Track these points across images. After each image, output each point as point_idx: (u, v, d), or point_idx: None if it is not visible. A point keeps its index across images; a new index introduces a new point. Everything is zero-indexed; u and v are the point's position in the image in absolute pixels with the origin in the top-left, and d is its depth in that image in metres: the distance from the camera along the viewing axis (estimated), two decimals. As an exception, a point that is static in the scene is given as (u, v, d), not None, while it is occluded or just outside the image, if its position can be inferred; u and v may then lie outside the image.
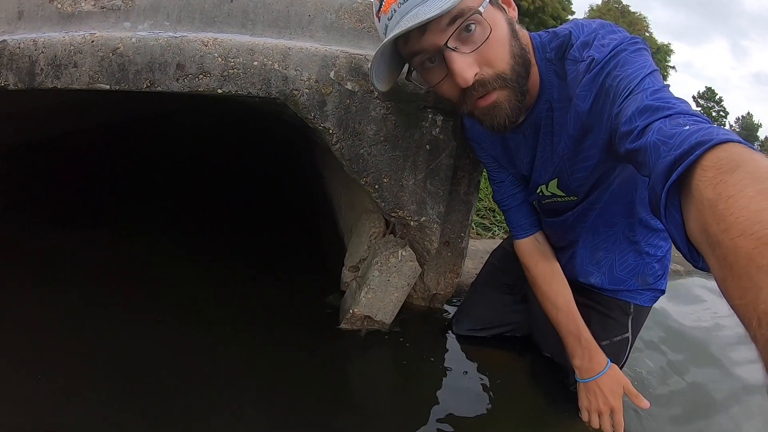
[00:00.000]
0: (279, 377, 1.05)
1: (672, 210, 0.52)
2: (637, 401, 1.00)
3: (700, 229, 0.47)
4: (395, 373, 1.19)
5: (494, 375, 1.16)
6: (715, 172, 0.47)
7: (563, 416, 1.07)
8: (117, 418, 0.87)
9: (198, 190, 2.23)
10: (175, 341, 1.11)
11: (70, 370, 0.97)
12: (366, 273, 1.20)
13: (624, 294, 1.09)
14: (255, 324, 1.23)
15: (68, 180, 2.00)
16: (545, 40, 0.89)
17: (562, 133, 0.90)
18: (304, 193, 2.46)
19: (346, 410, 1.01)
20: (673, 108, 0.62)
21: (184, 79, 1.00)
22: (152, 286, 1.32)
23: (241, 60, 0.99)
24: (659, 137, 0.58)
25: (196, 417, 0.91)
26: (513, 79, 0.80)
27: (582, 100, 0.82)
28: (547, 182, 1.00)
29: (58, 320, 1.12)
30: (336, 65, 1.01)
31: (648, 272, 1.07)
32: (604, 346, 1.06)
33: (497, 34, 0.77)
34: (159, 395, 0.94)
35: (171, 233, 1.65)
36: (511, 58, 0.79)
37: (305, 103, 1.01)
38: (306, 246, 1.77)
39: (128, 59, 1.01)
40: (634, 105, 0.67)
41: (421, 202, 1.13)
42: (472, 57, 0.77)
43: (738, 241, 0.41)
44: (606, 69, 0.78)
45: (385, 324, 1.22)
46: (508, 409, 1.08)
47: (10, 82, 1.08)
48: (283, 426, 0.94)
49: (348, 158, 1.06)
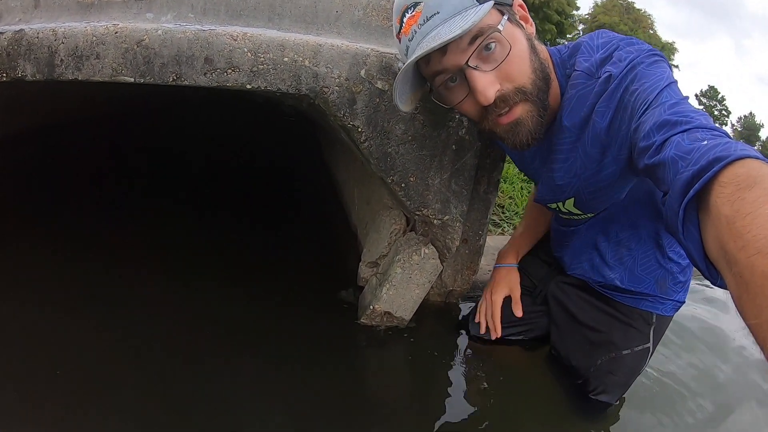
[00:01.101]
0: (300, 375, 1.05)
1: (690, 226, 0.52)
2: (515, 308, 1.23)
3: (718, 246, 0.47)
4: (412, 370, 1.20)
5: (509, 375, 1.17)
6: (733, 189, 0.47)
7: (577, 420, 1.08)
8: (139, 414, 0.88)
9: (194, 179, 2.21)
10: (189, 335, 1.10)
11: (88, 366, 0.96)
12: (387, 269, 1.20)
13: (646, 304, 1.10)
14: (271, 319, 1.23)
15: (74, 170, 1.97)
16: (565, 56, 0.90)
17: (578, 148, 0.90)
18: (309, 184, 2.45)
19: (364, 406, 1.02)
20: (691, 122, 0.61)
21: (212, 73, 0.99)
22: (159, 275, 1.32)
23: (271, 56, 0.98)
24: (677, 152, 0.57)
25: (215, 413, 0.91)
26: (534, 93, 0.81)
27: (601, 116, 0.82)
28: (563, 200, 1.00)
29: (76, 315, 1.11)
30: (367, 64, 1.00)
31: (669, 279, 1.07)
32: (626, 356, 1.08)
33: (517, 50, 0.78)
34: (176, 393, 0.94)
35: (171, 225, 1.64)
36: (532, 73, 0.80)
37: (335, 100, 1.01)
38: (315, 238, 1.77)
39: (154, 52, 0.99)
40: (651, 120, 0.67)
41: (445, 201, 1.13)
42: (493, 74, 0.78)
43: (754, 259, 0.41)
44: (623, 84, 0.78)
45: (404, 320, 1.23)
46: (521, 410, 1.09)
47: (27, 72, 1.05)
48: (302, 421, 0.94)
49: (376, 156, 1.06)
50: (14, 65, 1.04)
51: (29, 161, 1.94)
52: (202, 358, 1.05)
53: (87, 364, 0.97)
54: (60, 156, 2.05)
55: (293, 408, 0.97)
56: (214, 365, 1.03)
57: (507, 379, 1.15)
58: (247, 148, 2.99)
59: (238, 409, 0.93)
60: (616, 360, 1.10)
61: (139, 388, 0.94)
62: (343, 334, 1.22)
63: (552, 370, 1.21)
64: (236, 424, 0.90)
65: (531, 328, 1.28)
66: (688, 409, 1.14)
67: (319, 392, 1.02)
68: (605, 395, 1.09)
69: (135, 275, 1.30)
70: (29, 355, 0.97)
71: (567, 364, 1.18)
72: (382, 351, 1.22)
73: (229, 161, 2.62)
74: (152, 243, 1.49)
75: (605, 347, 1.11)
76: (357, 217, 1.65)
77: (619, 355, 1.09)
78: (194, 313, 1.19)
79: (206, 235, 1.63)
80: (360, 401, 1.04)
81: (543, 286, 1.24)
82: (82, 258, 1.33)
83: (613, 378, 1.09)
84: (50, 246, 1.36)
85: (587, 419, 1.09)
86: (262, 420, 0.94)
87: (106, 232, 1.50)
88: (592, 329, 1.13)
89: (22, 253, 1.31)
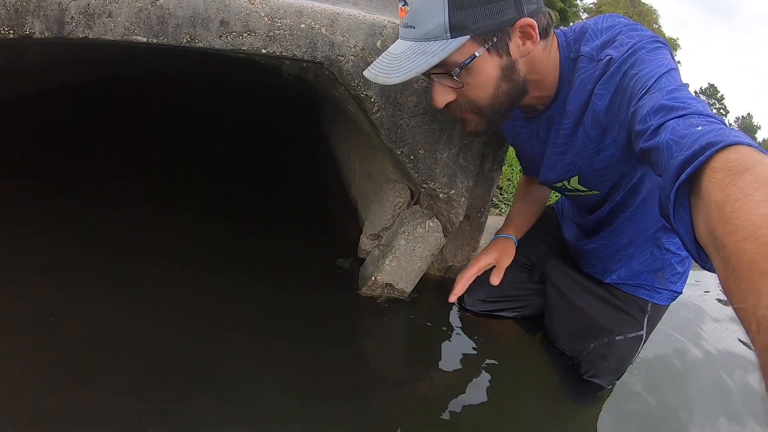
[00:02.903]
0: (300, 347, 1.05)
1: (681, 210, 0.53)
2: (493, 276, 1.19)
3: (707, 230, 0.47)
4: (409, 342, 1.22)
5: (503, 352, 1.19)
6: (724, 174, 0.47)
7: (569, 400, 1.10)
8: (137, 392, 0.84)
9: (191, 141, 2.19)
10: (189, 305, 1.09)
11: (90, 350, 0.92)
12: (391, 241, 1.22)
13: (642, 292, 1.12)
14: (270, 288, 1.23)
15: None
16: (571, 39, 0.90)
17: (579, 131, 0.92)
18: (306, 149, 2.43)
19: (363, 378, 1.02)
20: (687, 108, 0.62)
21: (228, 36, 0.99)
22: (152, 239, 1.31)
23: (288, 21, 0.98)
24: (672, 137, 0.58)
25: (214, 384, 0.89)
26: (488, 113, 0.86)
27: (600, 98, 0.84)
28: (568, 178, 1.02)
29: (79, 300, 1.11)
30: (383, 35, 1.01)
31: (666, 269, 1.09)
32: (618, 341, 1.11)
33: (479, 81, 0.82)
34: (174, 362, 0.92)
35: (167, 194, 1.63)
36: (492, 99, 0.84)
37: (350, 69, 1.01)
38: (311, 207, 1.77)
39: (168, 12, 0.98)
40: (649, 104, 0.67)
41: (452, 176, 1.16)
42: (449, 88, 0.84)
43: (742, 244, 0.41)
44: (623, 68, 0.79)
45: (405, 292, 1.26)
46: (514, 387, 1.11)
47: (36, 30, 1.03)
48: (300, 394, 0.93)
49: (387, 127, 1.07)
50: (22, 22, 1.02)
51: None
52: (196, 329, 1.02)
53: (87, 349, 0.92)
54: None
55: (294, 383, 0.95)
56: (206, 338, 1.00)
57: (500, 356, 1.17)
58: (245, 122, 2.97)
59: (240, 381, 0.91)
60: (608, 345, 1.13)
61: (137, 363, 0.90)
62: (343, 304, 1.24)
63: (546, 348, 1.24)
64: (240, 396, 0.88)
65: (526, 305, 1.31)
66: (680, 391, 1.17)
67: (319, 365, 1.01)
68: (597, 379, 1.13)
69: (122, 240, 1.29)
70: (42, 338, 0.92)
71: (559, 346, 1.21)
72: (381, 322, 1.24)
73: (228, 133, 2.60)
74: (139, 209, 1.48)
75: (599, 332, 1.14)
76: (357, 190, 1.66)
77: (612, 341, 1.12)
78: (188, 290, 1.16)
79: (207, 201, 1.63)
80: (358, 373, 1.03)
81: (541, 265, 1.27)
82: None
83: (605, 363, 1.12)
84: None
85: (579, 399, 1.11)
86: (265, 392, 0.91)
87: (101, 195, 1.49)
88: (587, 313, 1.16)
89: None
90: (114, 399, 0.81)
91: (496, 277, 1.19)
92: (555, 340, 1.23)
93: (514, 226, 1.28)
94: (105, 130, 2.18)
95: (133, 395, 0.82)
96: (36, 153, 1.75)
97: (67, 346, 0.90)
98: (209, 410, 0.83)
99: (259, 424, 0.83)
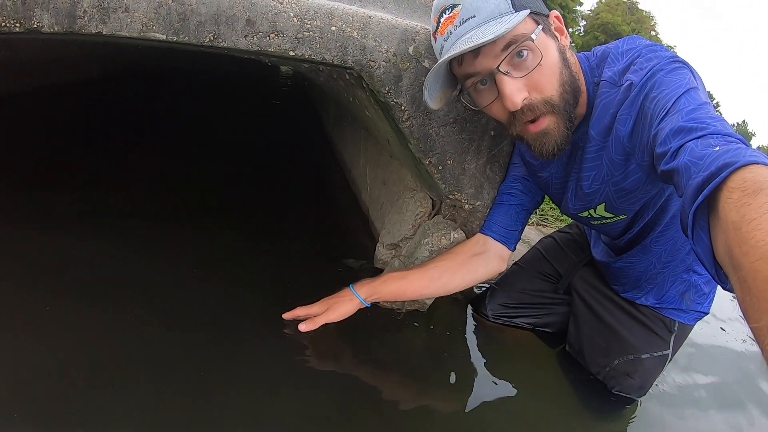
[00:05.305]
0: (317, 354, 1.01)
1: (700, 231, 0.53)
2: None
3: (725, 250, 0.48)
4: (426, 354, 1.17)
5: (526, 366, 1.17)
6: (740, 194, 0.47)
7: (590, 415, 1.08)
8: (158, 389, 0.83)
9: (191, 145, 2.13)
10: (201, 307, 1.06)
11: (98, 345, 0.90)
12: (414, 252, 1.18)
13: (670, 311, 1.11)
14: (282, 294, 1.17)
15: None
16: (593, 64, 0.91)
17: (603, 156, 0.91)
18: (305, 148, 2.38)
19: (382, 387, 1.00)
20: (706, 128, 0.62)
21: (254, 36, 0.93)
22: (157, 240, 1.28)
23: (318, 23, 0.93)
24: (690, 158, 0.59)
25: (224, 391, 0.86)
26: (561, 106, 0.83)
27: (622, 124, 0.84)
28: (594, 206, 1.00)
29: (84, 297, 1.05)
30: (416, 41, 0.97)
31: (692, 291, 1.08)
32: (644, 359, 1.10)
33: (548, 62, 0.80)
34: (186, 364, 0.90)
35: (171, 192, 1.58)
36: (560, 86, 0.82)
37: (381, 76, 0.97)
38: (320, 213, 1.73)
39: (191, 8, 0.92)
40: (668, 126, 0.68)
41: (479, 187, 1.12)
42: (522, 82, 0.79)
43: (757, 264, 0.41)
44: (644, 91, 0.80)
45: (426, 304, 1.23)
46: (537, 400, 1.08)
47: (44, 23, 0.96)
48: (315, 404, 0.89)
49: (416, 137, 1.03)
50: (30, 14, 0.96)
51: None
52: (209, 337, 0.99)
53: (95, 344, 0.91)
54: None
55: (309, 389, 0.92)
56: (214, 342, 0.97)
57: (522, 368, 1.16)
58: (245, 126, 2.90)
59: (248, 383, 0.89)
60: (633, 362, 1.11)
61: (148, 365, 0.88)
62: (360, 312, 1.20)
63: (567, 361, 1.22)
64: (243, 401, 0.85)
65: (547, 313, 1.29)
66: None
67: (336, 372, 0.99)
68: (624, 393, 1.11)
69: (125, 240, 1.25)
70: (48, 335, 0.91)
71: (581, 360, 1.19)
72: (399, 332, 1.19)
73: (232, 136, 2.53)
74: (141, 207, 1.43)
75: (624, 348, 1.12)
76: (369, 197, 1.62)
77: (638, 358, 1.11)
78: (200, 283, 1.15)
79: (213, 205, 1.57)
80: (376, 382, 1.01)
81: (568, 276, 1.25)
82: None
83: (630, 380, 1.10)
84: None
85: (602, 415, 1.09)
86: (279, 396, 0.89)
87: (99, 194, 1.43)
88: (613, 329, 1.14)
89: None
90: (127, 400, 0.79)
91: (305, 325, 1.01)
92: (578, 352, 1.21)
93: (376, 287, 1.06)
94: (107, 129, 2.10)
95: (146, 396, 0.81)
96: (36, 153, 1.67)
97: (79, 350, 0.87)
98: (221, 412, 0.81)
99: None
